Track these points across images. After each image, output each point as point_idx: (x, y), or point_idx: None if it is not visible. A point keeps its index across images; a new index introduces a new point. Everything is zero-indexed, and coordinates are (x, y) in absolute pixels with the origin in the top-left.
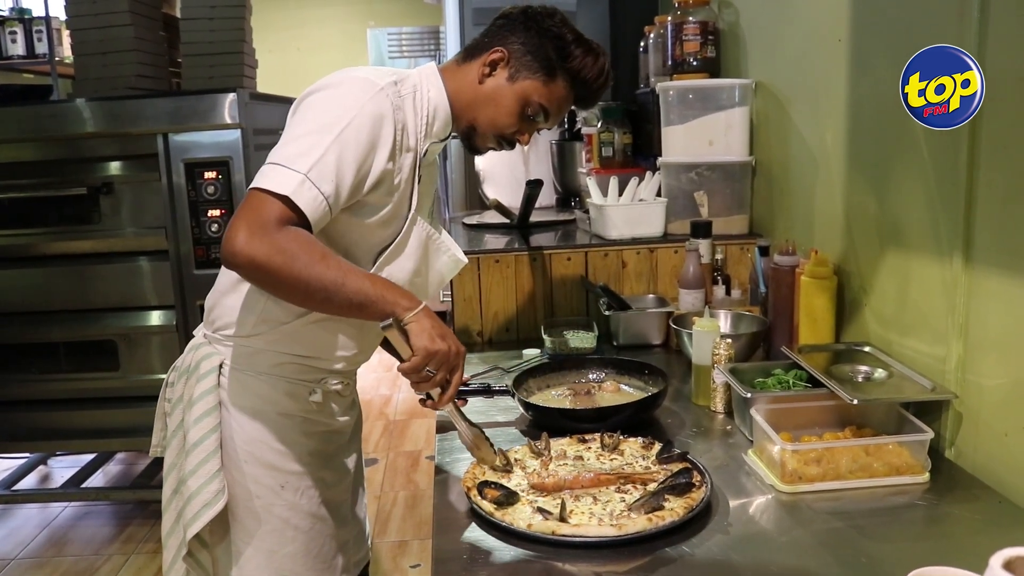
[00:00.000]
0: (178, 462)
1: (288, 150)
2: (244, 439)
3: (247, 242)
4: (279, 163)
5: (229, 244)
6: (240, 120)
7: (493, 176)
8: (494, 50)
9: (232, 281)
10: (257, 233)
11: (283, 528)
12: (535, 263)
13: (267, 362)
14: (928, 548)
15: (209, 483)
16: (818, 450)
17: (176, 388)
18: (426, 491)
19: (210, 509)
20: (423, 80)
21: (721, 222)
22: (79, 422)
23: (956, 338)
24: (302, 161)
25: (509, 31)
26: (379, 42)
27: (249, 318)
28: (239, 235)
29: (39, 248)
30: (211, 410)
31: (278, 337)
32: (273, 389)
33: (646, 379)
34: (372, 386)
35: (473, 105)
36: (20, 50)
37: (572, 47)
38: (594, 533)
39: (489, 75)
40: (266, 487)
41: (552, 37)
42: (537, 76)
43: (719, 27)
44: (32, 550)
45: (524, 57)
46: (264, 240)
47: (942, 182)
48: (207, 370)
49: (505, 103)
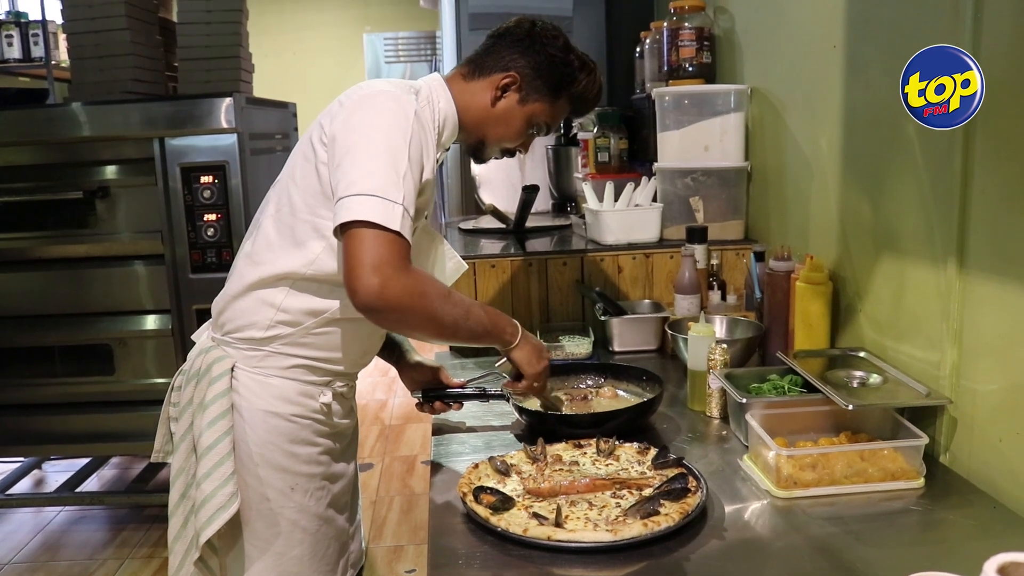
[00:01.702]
0: (187, 466)
1: (376, 180)
2: (257, 442)
3: (384, 287)
4: (376, 194)
5: (368, 291)
6: (236, 125)
7: (489, 181)
8: (507, 75)
9: (244, 285)
10: (391, 277)
11: (292, 530)
12: (531, 268)
13: (279, 364)
14: (923, 553)
15: (223, 486)
16: (813, 455)
17: (184, 392)
18: (422, 496)
19: (224, 512)
20: (433, 92)
21: (717, 227)
22: (74, 426)
23: (951, 343)
24: (395, 191)
25: (517, 53)
26: (375, 47)
27: (262, 322)
28: (374, 280)
29: (35, 252)
30: (224, 413)
31: (290, 340)
32: (285, 391)
33: (642, 384)
34: (368, 391)
35: (484, 123)
36: (16, 54)
37: (578, 73)
38: (589, 538)
39: (501, 98)
40: (277, 489)
41: (559, 64)
42: (545, 99)
43: (714, 33)
44: (26, 555)
45: (534, 81)
46: (400, 283)
47: (936, 187)
48: (219, 373)
49: (515, 124)
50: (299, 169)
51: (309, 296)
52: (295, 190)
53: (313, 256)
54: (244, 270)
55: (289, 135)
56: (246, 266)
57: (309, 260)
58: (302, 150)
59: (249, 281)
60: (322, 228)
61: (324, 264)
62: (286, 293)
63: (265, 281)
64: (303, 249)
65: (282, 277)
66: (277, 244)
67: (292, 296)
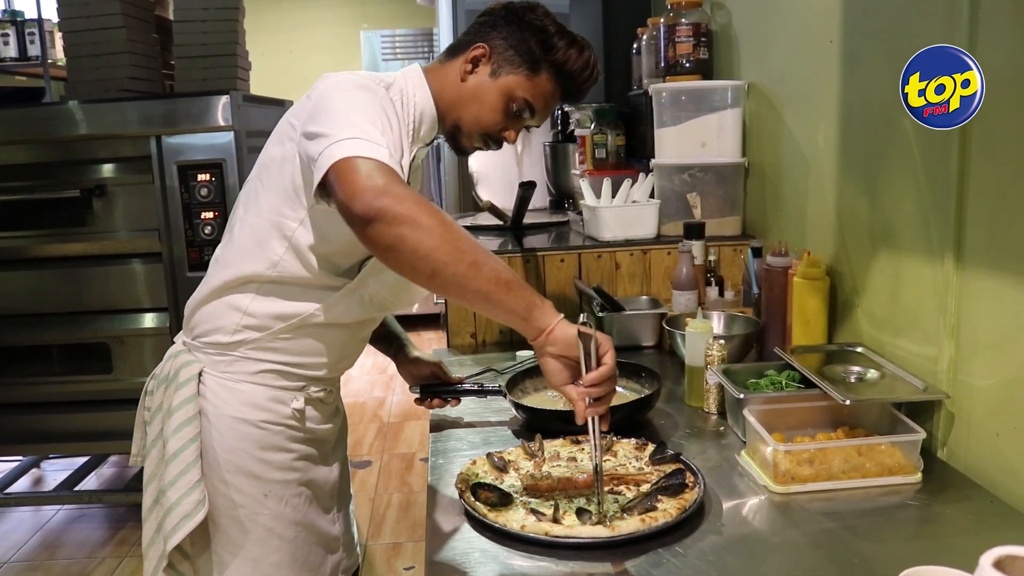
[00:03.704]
0: (158, 472)
1: (355, 129)
2: (225, 448)
3: (388, 187)
4: (358, 137)
5: (369, 191)
6: (233, 122)
7: (486, 178)
8: (475, 47)
9: (212, 287)
10: (396, 183)
11: (267, 537)
12: (528, 265)
13: (248, 369)
14: (920, 548)
15: (189, 494)
16: (811, 451)
17: (155, 396)
18: (420, 493)
19: (190, 520)
20: (408, 84)
21: (714, 223)
22: (72, 425)
23: (948, 338)
24: (379, 138)
25: (491, 27)
26: (372, 44)
27: (228, 326)
28: (378, 181)
29: (32, 251)
30: (191, 419)
31: (258, 344)
32: (254, 397)
33: (639, 380)
34: (366, 388)
35: (457, 104)
36: (12, 52)
37: (555, 39)
38: (587, 534)
39: (471, 72)
40: (249, 496)
41: (534, 30)
42: (520, 71)
43: (712, 29)
44: (25, 553)
45: (506, 52)
46: (405, 190)
47: (933, 183)
48: (186, 378)
49: (489, 100)
50: (264, 168)
51: (276, 299)
52: (261, 190)
53: (276, 257)
54: (212, 274)
55: None
56: (214, 270)
57: (272, 262)
58: (268, 147)
59: (215, 285)
60: (284, 228)
61: (288, 266)
62: (252, 297)
63: (230, 285)
64: (265, 250)
65: (247, 280)
66: (240, 246)
67: (258, 300)
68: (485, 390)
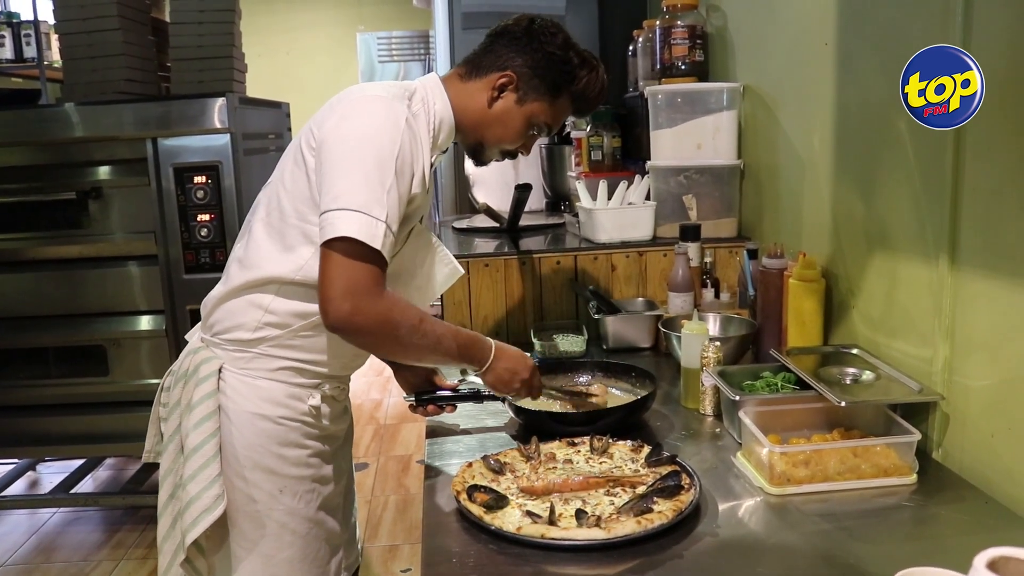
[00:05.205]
0: (175, 467)
1: (360, 195)
2: (243, 443)
3: (353, 312)
4: (360, 210)
5: (338, 315)
6: (229, 125)
7: (483, 180)
8: (503, 75)
9: (232, 287)
10: (362, 304)
11: (281, 532)
12: (524, 267)
13: (267, 366)
14: (915, 549)
15: (208, 488)
16: (806, 452)
17: (173, 393)
18: (416, 495)
19: (209, 515)
20: (428, 93)
21: (710, 225)
22: (68, 427)
23: (943, 340)
24: (378, 208)
25: (515, 51)
26: (369, 46)
27: (250, 323)
28: (345, 305)
29: (28, 253)
30: (210, 414)
31: (278, 342)
32: (273, 393)
33: (635, 382)
34: (363, 390)
35: (482, 125)
36: (8, 54)
37: (578, 71)
38: (583, 536)
39: (497, 98)
40: (265, 492)
41: (558, 62)
42: (544, 98)
43: (707, 31)
44: (20, 556)
45: (531, 80)
46: (370, 311)
47: (928, 185)
48: (206, 374)
49: (514, 124)
50: (289, 174)
51: (297, 300)
52: (285, 195)
53: (302, 261)
54: (234, 273)
55: (282, 135)
56: (236, 269)
57: (298, 265)
58: (292, 154)
59: (238, 284)
60: (311, 235)
61: (313, 269)
62: (273, 296)
63: (253, 284)
64: (292, 254)
65: (270, 281)
66: (266, 248)
67: (280, 299)
68: (481, 395)
